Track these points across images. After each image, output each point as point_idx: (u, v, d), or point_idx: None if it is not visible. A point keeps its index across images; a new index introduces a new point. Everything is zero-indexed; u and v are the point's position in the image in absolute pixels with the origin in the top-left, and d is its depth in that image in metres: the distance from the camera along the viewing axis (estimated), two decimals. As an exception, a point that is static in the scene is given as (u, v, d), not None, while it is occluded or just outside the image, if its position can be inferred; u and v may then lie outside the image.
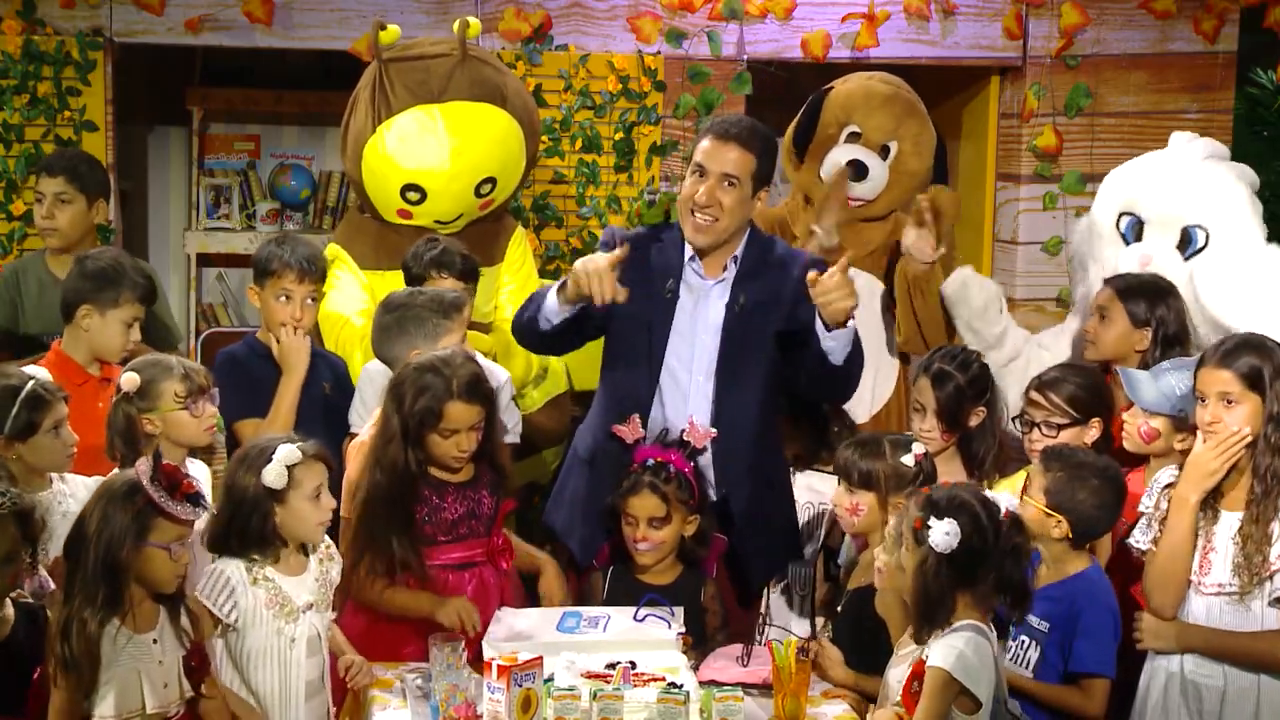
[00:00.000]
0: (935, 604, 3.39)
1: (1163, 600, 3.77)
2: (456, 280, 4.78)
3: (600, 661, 3.72)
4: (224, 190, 6.87)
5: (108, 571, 3.29)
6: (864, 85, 5.38)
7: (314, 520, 3.70)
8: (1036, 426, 4.38)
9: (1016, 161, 6.38)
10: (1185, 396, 4.02)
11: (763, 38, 6.14)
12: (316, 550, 3.77)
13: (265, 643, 3.65)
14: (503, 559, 4.07)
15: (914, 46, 6.22)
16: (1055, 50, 6.29)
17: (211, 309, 7.01)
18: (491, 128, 5.23)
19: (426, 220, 5.22)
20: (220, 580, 3.63)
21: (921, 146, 5.36)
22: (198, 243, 6.74)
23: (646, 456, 4.15)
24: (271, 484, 3.62)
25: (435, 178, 5.16)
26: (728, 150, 4.20)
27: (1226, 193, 4.99)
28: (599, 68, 6.04)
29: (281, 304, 4.69)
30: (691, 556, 4.20)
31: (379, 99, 5.19)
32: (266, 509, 3.64)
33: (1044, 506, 3.84)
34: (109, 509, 3.32)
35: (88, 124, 5.79)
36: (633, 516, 4.10)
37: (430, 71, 5.20)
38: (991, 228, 6.51)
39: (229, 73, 6.82)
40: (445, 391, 3.91)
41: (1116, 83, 6.34)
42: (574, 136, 6.04)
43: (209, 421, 4.09)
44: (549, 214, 6.06)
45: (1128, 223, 5.08)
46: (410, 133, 5.15)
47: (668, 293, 4.24)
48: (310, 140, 7.05)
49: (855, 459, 4.02)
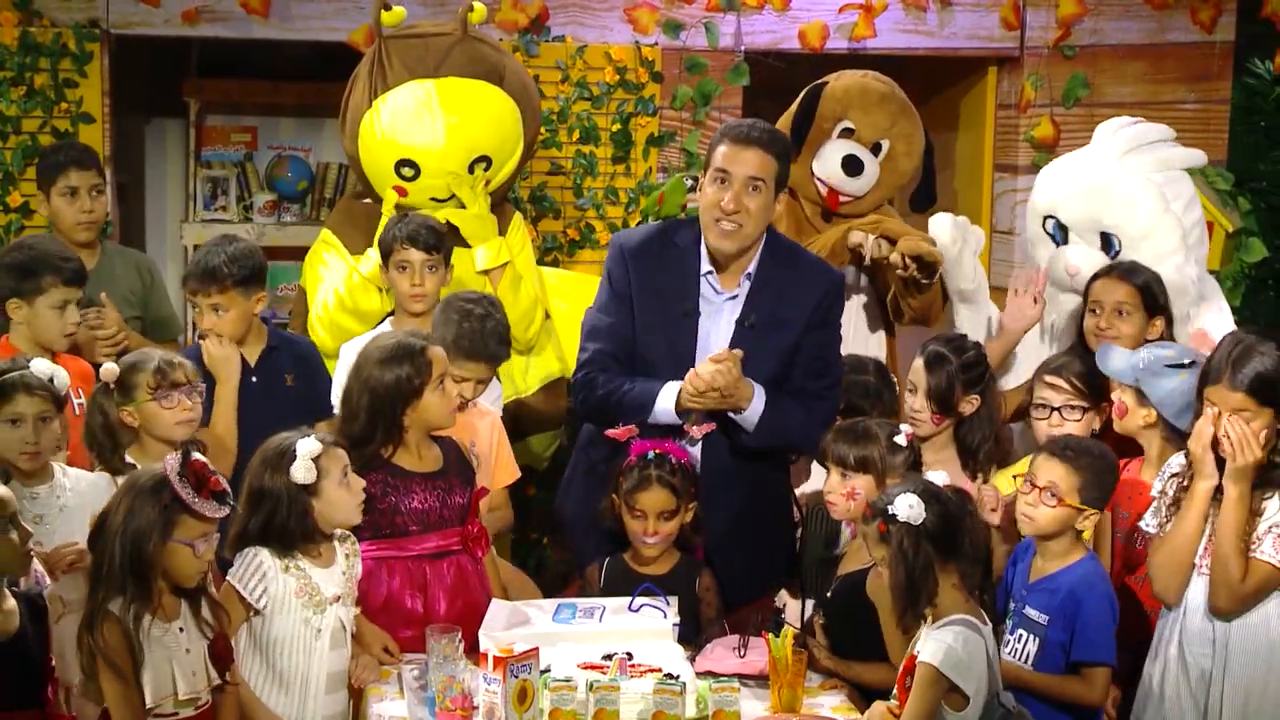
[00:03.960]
0: (919, 583, 3.40)
1: (1165, 587, 3.79)
2: (422, 252, 4.78)
3: (597, 652, 3.73)
4: (221, 182, 6.86)
5: (134, 566, 3.31)
6: (860, 82, 5.37)
7: (351, 503, 3.74)
8: (1056, 411, 4.37)
9: (1014, 152, 6.38)
10: (1146, 370, 4.08)
11: (760, 29, 6.14)
12: (344, 543, 3.80)
13: (291, 630, 3.68)
14: (478, 547, 4.08)
15: (911, 37, 6.22)
16: (1053, 41, 6.29)
17: (209, 301, 7.00)
18: (487, 105, 5.21)
19: (421, 198, 5.21)
20: (253, 564, 3.65)
21: (913, 147, 5.37)
22: (195, 234, 6.71)
23: (645, 449, 4.15)
24: (303, 480, 3.65)
25: (429, 153, 5.15)
26: (750, 154, 4.16)
27: (1133, 195, 4.87)
28: (596, 59, 6.04)
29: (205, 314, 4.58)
30: (688, 543, 4.20)
31: (376, 74, 5.19)
32: (304, 506, 3.67)
33: (1078, 504, 3.85)
34: (135, 503, 3.34)
35: (84, 116, 5.77)
36: (642, 511, 4.10)
37: (429, 48, 5.21)
38: (989, 218, 6.51)
39: (226, 64, 6.80)
40: (419, 339, 3.99)
41: (1114, 73, 6.34)
42: (571, 128, 6.03)
43: (182, 415, 4.06)
44: (546, 205, 6.05)
45: (1053, 224, 5.05)
46: (405, 106, 5.15)
47: (686, 312, 4.23)
48: (307, 132, 7.03)
49: (847, 445, 4.03)
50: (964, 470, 4.41)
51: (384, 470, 3.97)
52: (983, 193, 6.54)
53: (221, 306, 4.53)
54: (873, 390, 4.60)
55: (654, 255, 4.27)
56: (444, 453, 4.09)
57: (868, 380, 4.60)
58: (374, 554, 3.96)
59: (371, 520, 3.91)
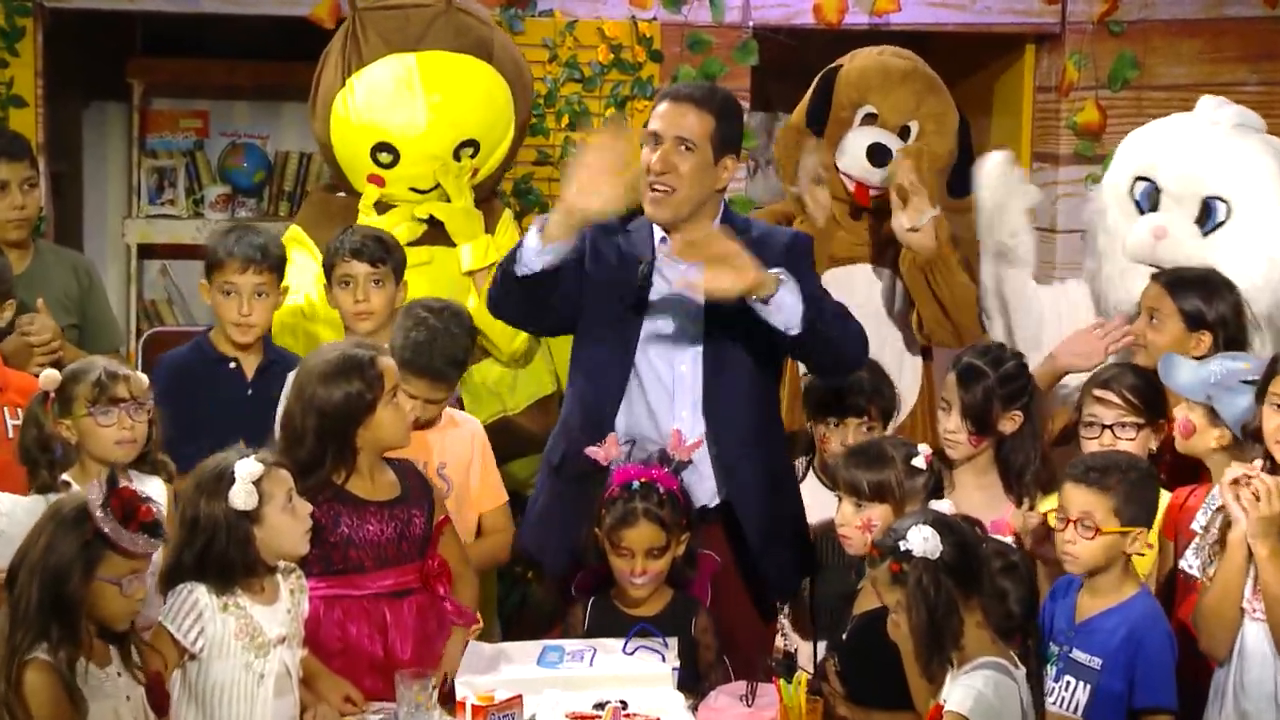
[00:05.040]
0: (943, 624, 3.38)
1: (1212, 642, 3.78)
2: (367, 265, 4.75)
3: (588, 700, 3.71)
4: (168, 173, 6.87)
5: (55, 607, 3.27)
6: (878, 61, 5.36)
7: (297, 530, 3.70)
8: (1108, 429, 4.36)
9: (1054, 140, 6.38)
10: (1219, 385, 4.05)
11: (770, 2, 6.14)
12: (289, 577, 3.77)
13: (231, 676, 3.63)
14: (439, 583, 4.05)
15: (939, 11, 6.23)
16: (1098, 15, 6.29)
17: (154, 306, 7.01)
18: (475, 83, 5.22)
19: (400, 188, 5.20)
20: (188, 602, 3.61)
21: (945, 126, 5.35)
22: (139, 232, 6.73)
23: (628, 477, 4.13)
24: (243, 505, 3.61)
25: (409, 136, 5.15)
26: (682, 113, 4.19)
27: (1253, 164, 4.95)
28: (588, 36, 6.04)
29: (229, 299, 4.68)
30: (681, 579, 4.19)
31: (350, 50, 5.20)
32: (245, 534, 3.63)
33: (1119, 528, 3.83)
34: (55, 536, 3.30)
35: (15, 99, 5.77)
36: (628, 549, 4.08)
37: (408, 20, 5.22)
38: (1027, 214, 6.50)
39: (174, 42, 6.83)
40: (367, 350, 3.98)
41: (1166, 51, 6.34)
42: (560, 113, 6.03)
43: (121, 434, 4.03)
44: (532, 199, 6.04)
45: (1143, 189, 5.05)
46: (382, 84, 5.15)
47: (640, 280, 4.24)
48: (265, 117, 7.05)
49: (861, 471, 4.02)
50: (1008, 495, 4.39)
51: (334, 498, 3.95)
52: (1020, 185, 6.52)
53: (266, 291, 4.67)
54: (869, 386, 4.61)
55: (609, 233, 4.29)
56: (401, 478, 4.07)
57: (862, 376, 4.59)
58: (325, 592, 3.92)
59: (322, 554, 3.88)
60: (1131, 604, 3.84)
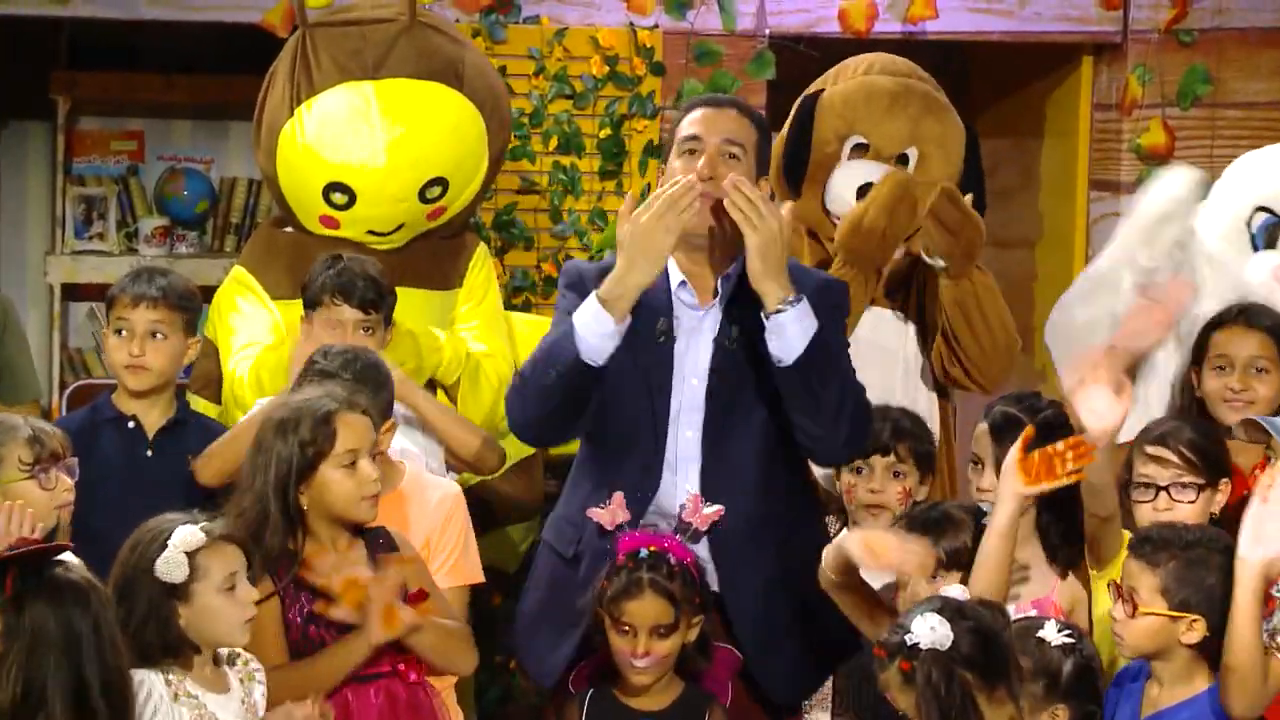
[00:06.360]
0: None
1: None
2: (357, 311, 4.75)
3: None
4: (97, 202, 6.88)
5: None
6: (863, 82, 5.34)
7: (235, 617, 3.67)
8: (1163, 491, 4.34)
9: (1115, 165, 6.41)
10: None
11: (789, 7, 6.18)
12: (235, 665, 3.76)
13: None
14: (411, 669, 4.04)
15: (983, 18, 6.25)
16: (1165, 23, 6.32)
17: (80, 355, 7.00)
18: (441, 114, 5.23)
19: (357, 231, 5.21)
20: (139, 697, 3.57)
21: (949, 150, 5.33)
22: (63, 270, 6.73)
23: (635, 545, 4.12)
24: (169, 577, 3.60)
25: (366, 175, 5.15)
26: (728, 117, 4.24)
27: None
28: (579, 45, 6.06)
29: (120, 339, 4.65)
30: (692, 668, 4.17)
31: (299, 73, 5.21)
32: (166, 611, 3.62)
33: (1168, 611, 3.80)
34: None
35: (-78, 118, 5.80)
36: (630, 625, 4.06)
37: (366, 39, 5.23)
38: (1085, 247, 6.51)
39: (104, 53, 6.85)
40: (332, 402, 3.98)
41: (1243, 64, 6.39)
42: (548, 134, 6.05)
43: (62, 498, 4.06)
44: (515, 233, 6.05)
45: (1262, 222, 5.06)
46: (335, 116, 5.16)
47: (660, 336, 4.25)
48: (208, 138, 7.08)
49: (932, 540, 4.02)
50: (1050, 565, 4.37)
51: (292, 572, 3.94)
52: (1075, 215, 6.56)
53: (163, 331, 4.65)
54: (893, 417, 4.70)
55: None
56: (371, 547, 4.06)
57: (885, 405, 4.66)
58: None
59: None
60: (1200, 700, 3.80)
